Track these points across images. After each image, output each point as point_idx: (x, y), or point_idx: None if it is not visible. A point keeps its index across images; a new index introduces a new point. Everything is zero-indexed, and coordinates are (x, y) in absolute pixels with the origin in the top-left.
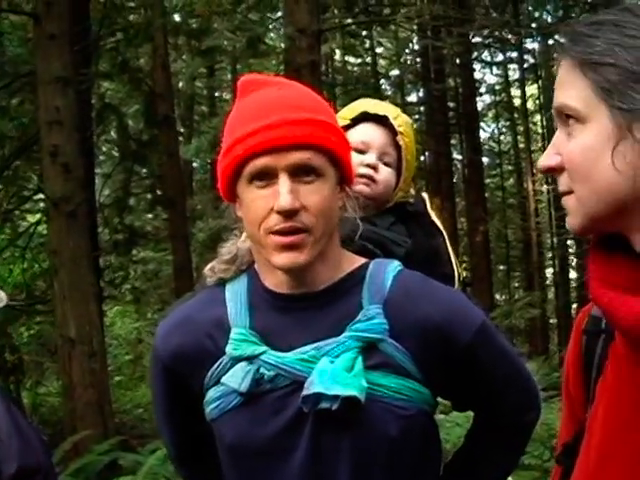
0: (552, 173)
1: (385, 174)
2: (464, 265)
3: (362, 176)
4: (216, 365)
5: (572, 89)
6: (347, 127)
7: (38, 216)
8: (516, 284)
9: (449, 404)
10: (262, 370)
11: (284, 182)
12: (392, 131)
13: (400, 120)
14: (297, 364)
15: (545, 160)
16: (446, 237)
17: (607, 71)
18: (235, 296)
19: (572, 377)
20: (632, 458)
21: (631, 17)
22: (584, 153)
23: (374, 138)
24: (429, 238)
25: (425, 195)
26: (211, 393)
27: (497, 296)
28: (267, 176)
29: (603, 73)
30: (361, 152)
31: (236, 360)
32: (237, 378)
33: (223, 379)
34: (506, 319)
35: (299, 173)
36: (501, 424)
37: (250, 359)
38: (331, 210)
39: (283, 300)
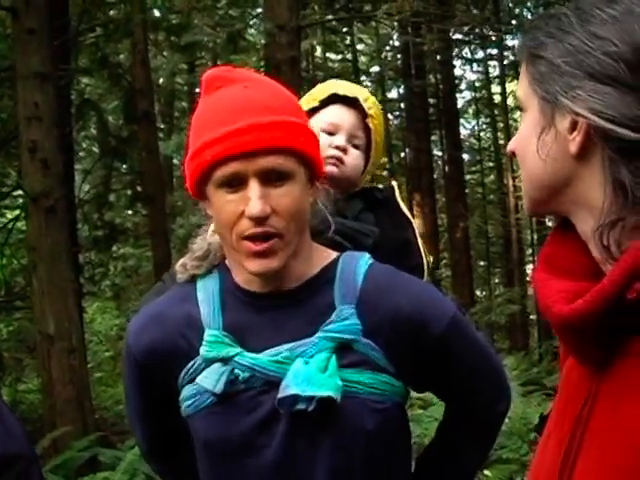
0: (516, 157)
1: (354, 156)
2: (443, 262)
3: (331, 157)
4: (190, 365)
5: (520, 80)
6: (317, 108)
7: (17, 212)
8: (496, 280)
9: (428, 399)
10: (236, 371)
11: (254, 188)
12: (362, 113)
13: (370, 102)
14: (271, 365)
15: (508, 145)
16: (415, 226)
17: (539, 63)
18: (207, 296)
19: (561, 361)
20: (559, 440)
21: (573, 12)
22: (520, 141)
23: (344, 120)
24: (398, 229)
25: (394, 183)
26: (185, 391)
27: (477, 292)
28: (236, 181)
29: (536, 65)
30: (330, 134)
31: (210, 362)
32: (212, 380)
33: (197, 379)
34: (486, 315)
35: (269, 177)
36: (472, 414)
37: (224, 361)
38: (302, 210)
39: (255, 298)
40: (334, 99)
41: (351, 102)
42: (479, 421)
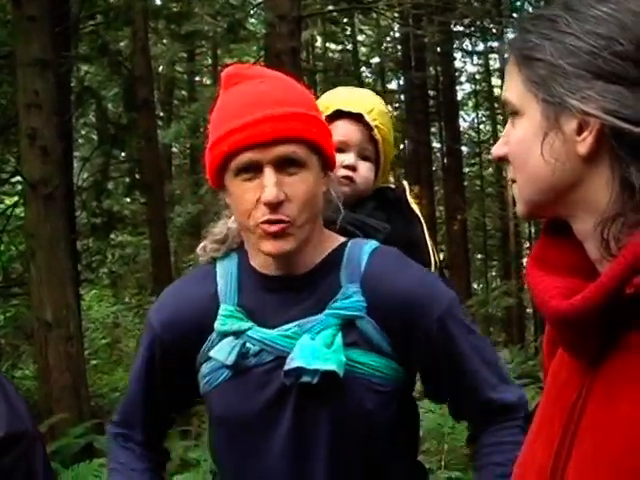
0: (503, 162)
1: (364, 171)
2: (442, 253)
3: (342, 177)
4: (207, 341)
5: (511, 83)
6: None
7: (15, 198)
8: (493, 273)
9: (422, 390)
10: (248, 345)
11: (269, 175)
12: (368, 127)
13: (375, 113)
14: (280, 340)
15: (495, 149)
16: (424, 226)
17: (536, 65)
18: (225, 274)
19: (546, 356)
20: (550, 436)
21: (565, 12)
22: (519, 144)
23: (351, 136)
24: (408, 227)
25: (405, 183)
26: (203, 369)
27: (474, 285)
28: (253, 169)
29: (533, 67)
30: (339, 150)
31: (223, 335)
32: (224, 352)
33: (211, 352)
34: (483, 307)
35: (284, 165)
36: (475, 407)
37: (237, 334)
38: (315, 198)
39: (269, 281)
40: (339, 115)
41: (356, 116)
42: (493, 418)
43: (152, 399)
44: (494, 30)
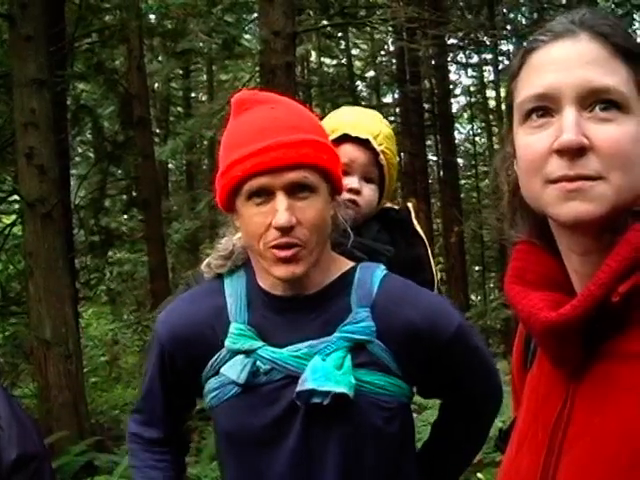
0: (573, 153)
1: (368, 194)
2: (439, 266)
3: (347, 201)
4: (215, 356)
5: (615, 75)
6: None
7: (13, 217)
8: (491, 285)
9: (422, 403)
10: (258, 363)
11: (281, 200)
12: (374, 152)
13: (381, 138)
14: (291, 360)
15: (577, 138)
16: (428, 246)
17: None
18: (235, 292)
19: (516, 370)
20: (535, 447)
21: None
22: (632, 142)
23: (356, 160)
24: (411, 248)
25: (410, 205)
26: (211, 383)
27: (472, 297)
28: (265, 194)
29: None
30: (344, 173)
31: (234, 353)
32: (235, 370)
33: (222, 370)
34: (481, 319)
35: (294, 190)
36: (465, 412)
37: (247, 353)
38: (324, 222)
39: (278, 301)
40: (345, 138)
41: (363, 142)
42: (472, 418)
43: (168, 395)
44: (488, 42)
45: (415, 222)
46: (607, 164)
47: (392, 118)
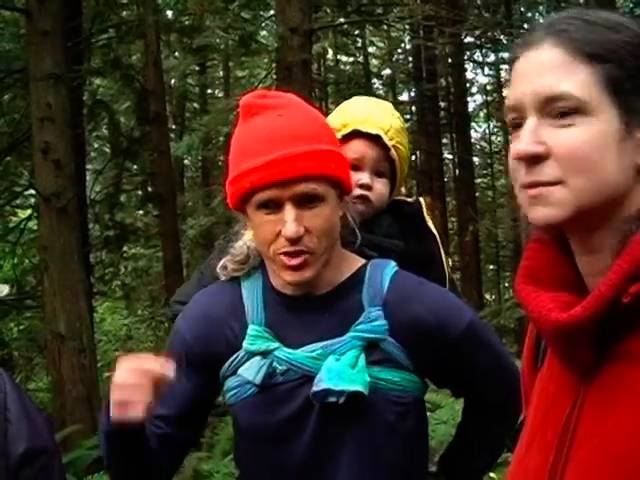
0: (529, 161)
1: (379, 188)
2: (452, 264)
3: (358, 197)
4: (233, 357)
5: (572, 78)
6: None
7: (29, 212)
8: (506, 284)
9: (435, 401)
10: (275, 364)
11: (289, 211)
12: (385, 147)
13: (392, 133)
14: (306, 361)
15: (530, 146)
16: (439, 242)
17: (612, 67)
18: (251, 294)
19: (526, 369)
20: (544, 447)
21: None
22: (591, 145)
23: (367, 155)
24: (423, 243)
25: (422, 199)
26: (229, 382)
27: (487, 296)
28: (273, 205)
29: (610, 68)
30: (354, 168)
31: (251, 354)
32: (252, 371)
33: (240, 371)
34: (495, 318)
35: (303, 201)
36: (483, 413)
37: (264, 354)
38: (333, 227)
39: (291, 300)
40: (356, 134)
41: (374, 137)
42: (491, 420)
43: (187, 384)
44: (505, 41)
45: (427, 217)
46: (566, 169)
47: (408, 116)
